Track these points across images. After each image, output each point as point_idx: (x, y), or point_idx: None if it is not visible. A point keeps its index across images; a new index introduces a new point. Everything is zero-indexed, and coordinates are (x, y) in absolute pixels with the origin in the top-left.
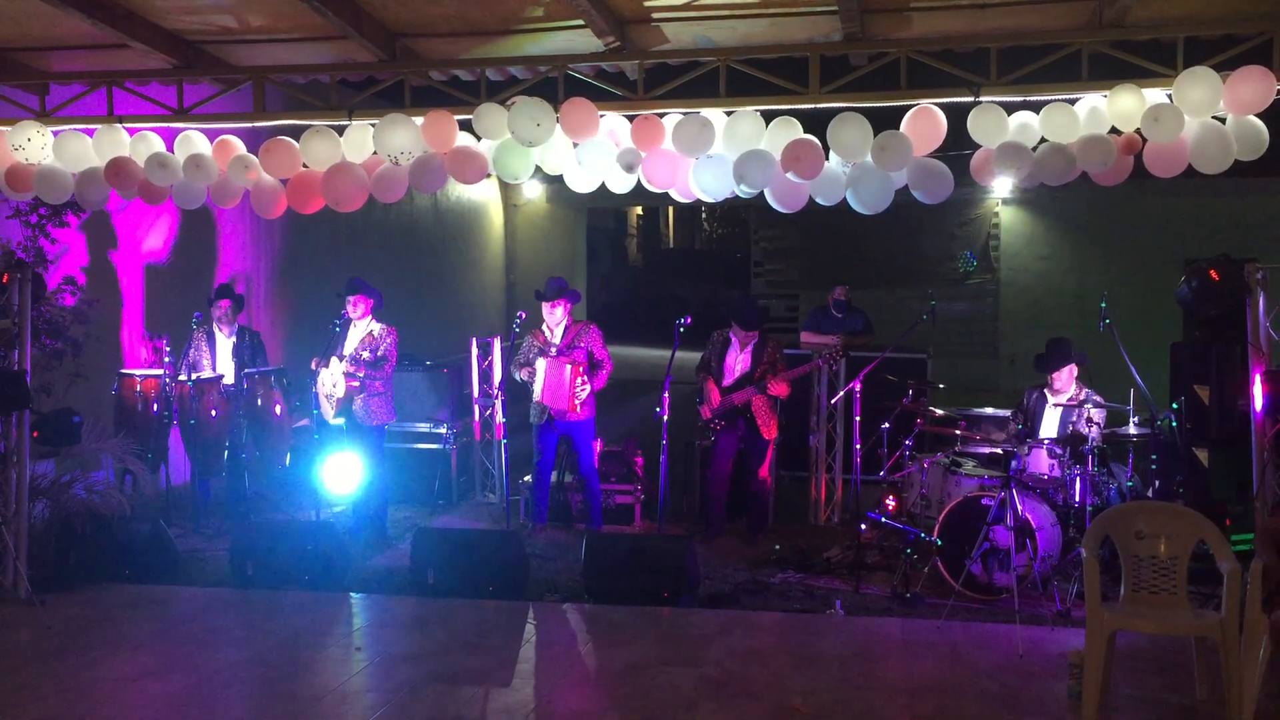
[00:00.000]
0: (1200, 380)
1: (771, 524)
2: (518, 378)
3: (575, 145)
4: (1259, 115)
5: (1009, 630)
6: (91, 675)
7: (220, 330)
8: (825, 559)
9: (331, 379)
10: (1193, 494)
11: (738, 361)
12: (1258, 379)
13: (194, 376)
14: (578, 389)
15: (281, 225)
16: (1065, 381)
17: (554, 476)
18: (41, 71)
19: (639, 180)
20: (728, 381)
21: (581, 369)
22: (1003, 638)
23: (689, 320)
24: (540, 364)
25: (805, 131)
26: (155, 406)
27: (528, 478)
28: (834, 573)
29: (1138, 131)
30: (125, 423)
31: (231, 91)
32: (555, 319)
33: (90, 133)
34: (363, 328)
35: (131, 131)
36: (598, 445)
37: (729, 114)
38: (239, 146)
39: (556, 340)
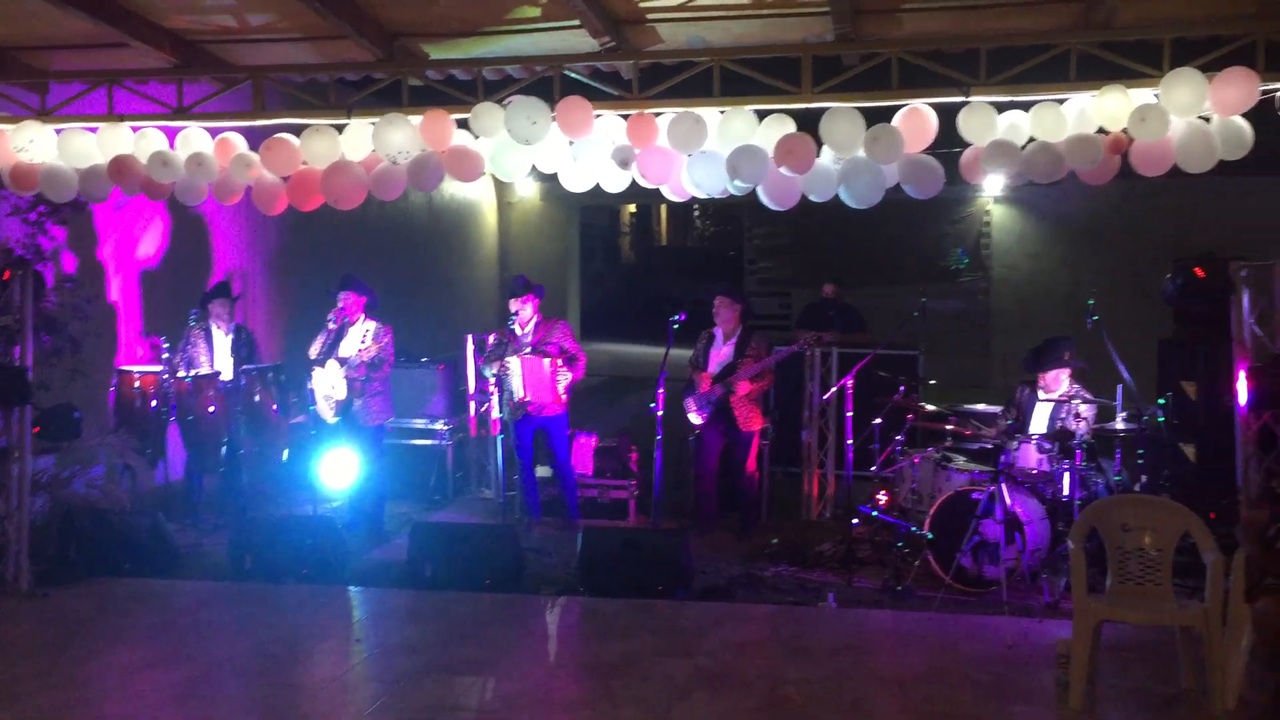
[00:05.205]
0: (1187, 376)
1: (765, 519)
2: (488, 374)
3: (571, 143)
4: (1243, 115)
5: (998, 622)
6: (94, 666)
7: (218, 327)
8: (818, 553)
9: (329, 381)
10: (1179, 488)
11: (721, 354)
12: (1242, 375)
13: (192, 373)
14: (559, 379)
15: (277, 222)
16: (1053, 381)
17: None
18: (42, 70)
19: (633, 178)
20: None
21: (559, 361)
22: (992, 629)
23: (683, 317)
24: (514, 361)
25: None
26: (154, 403)
27: None
28: (826, 566)
29: (1124, 131)
30: (124, 419)
31: (230, 90)
32: (525, 316)
33: (92, 130)
34: (359, 327)
35: (134, 130)
36: (592, 441)
37: (723, 113)
38: (240, 144)
39: (528, 338)
